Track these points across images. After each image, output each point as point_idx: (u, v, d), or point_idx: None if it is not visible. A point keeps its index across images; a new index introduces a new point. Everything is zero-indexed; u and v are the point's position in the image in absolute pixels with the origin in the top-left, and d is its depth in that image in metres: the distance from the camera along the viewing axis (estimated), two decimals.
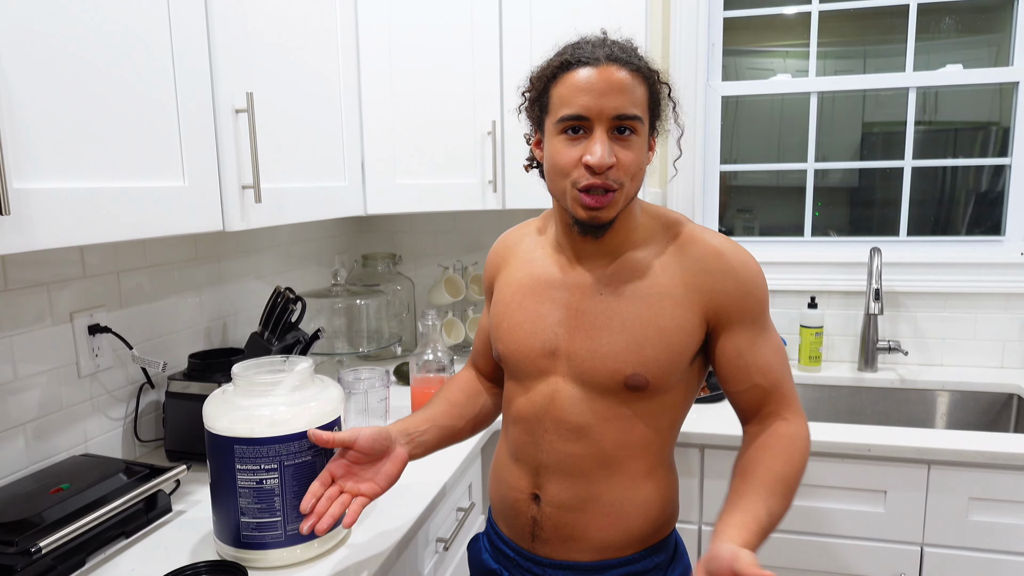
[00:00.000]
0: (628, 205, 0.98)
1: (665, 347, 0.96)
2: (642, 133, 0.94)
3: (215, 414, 1.01)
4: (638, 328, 0.96)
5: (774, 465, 0.93)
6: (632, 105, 0.91)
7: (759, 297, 0.98)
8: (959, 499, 1.48)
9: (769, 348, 0.99)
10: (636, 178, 0.95)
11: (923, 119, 2.04)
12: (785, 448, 0.95)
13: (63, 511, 1.02)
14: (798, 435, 0.97)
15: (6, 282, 1.16)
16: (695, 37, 2.01)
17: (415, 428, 1.08)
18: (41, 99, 0.84)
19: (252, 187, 1.21)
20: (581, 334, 0.99)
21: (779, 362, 1.00)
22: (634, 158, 0.93)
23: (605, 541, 1.01)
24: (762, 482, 0.91)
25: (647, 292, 0.97)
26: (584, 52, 0.93)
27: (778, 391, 0.99)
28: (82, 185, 0.90)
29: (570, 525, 1.01)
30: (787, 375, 1.01)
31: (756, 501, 0.89)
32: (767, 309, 1.00)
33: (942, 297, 1.99)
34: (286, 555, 1.02)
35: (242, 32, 1.20)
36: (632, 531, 1.02)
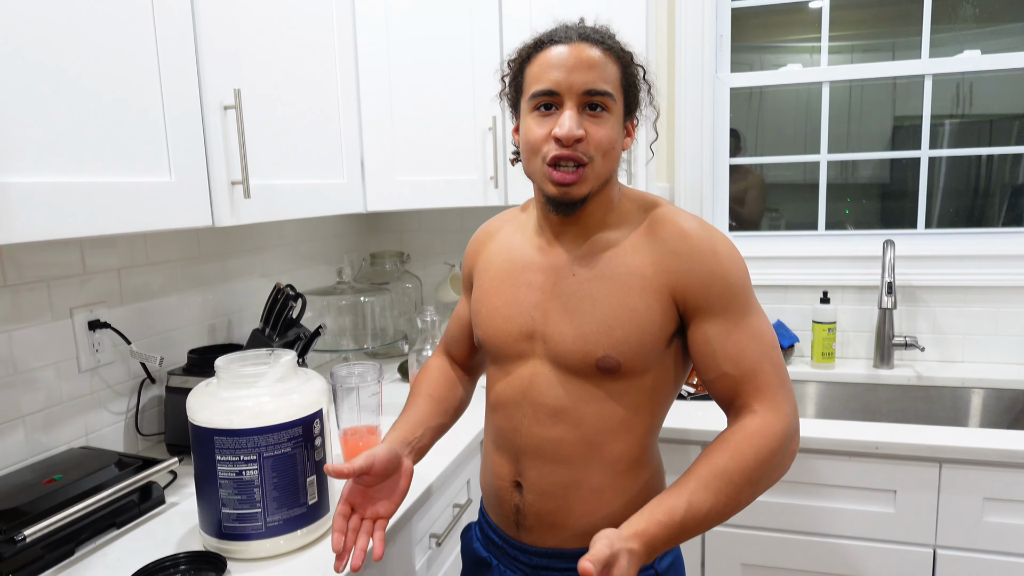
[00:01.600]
0: (604, 187, 0.98)
1: (636, 328, 0.95)
2: (614, 111, 0.94)
3: (198, 406, 1.02)
4: (608, 309, 0.96)
5: (719, 459, 0.88)
6: (602, 81, 0.92)
7: (729, 282, 0.94)
8: (973, 499, 1.43)
9: (743, 335, 0.94)
10: (608, 156, 0.94)
11: (956, 111, 1.98)
12: (739, 442, 0.90)
13: (52, 501, 1.04)
14: (760, 430, 0.90)
15: (5, 278, 1.19)
16: (701, 28, 1.98)
17: (411, 435, 1.07)
18: (21, 92, 0.86)
19: (241, 183, 1.23)
20: (555, 316, 0.99)
21: (757, 350, 0.94)
22: (605, 134, 0.93)
23: (588, 527, 1.00)
24: (697, 475, 0.88)
25: (617, 272, 0.97)
26: (557, 33, 0.96)
27: (751, 381, 0.93)
28: (64, 180, 0.92)
29: (552, 512, 1.01)
30: (766, 365, 0.94)
31: (680, 494, 0.86)
32: (743, 294, 0.95)
33: (962, 291, 1.92)
34: (268, 546, 1.03)
35: (230, 27, 1.22)
36: (616, 517, 1.00)
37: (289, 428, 1.01)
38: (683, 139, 2.04)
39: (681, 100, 2.02)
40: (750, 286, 0.97)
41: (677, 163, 2.06)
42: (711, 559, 1.60)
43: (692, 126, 2.03)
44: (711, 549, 1.59)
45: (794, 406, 0.95)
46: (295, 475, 1.03)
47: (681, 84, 2.01)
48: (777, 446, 0.90)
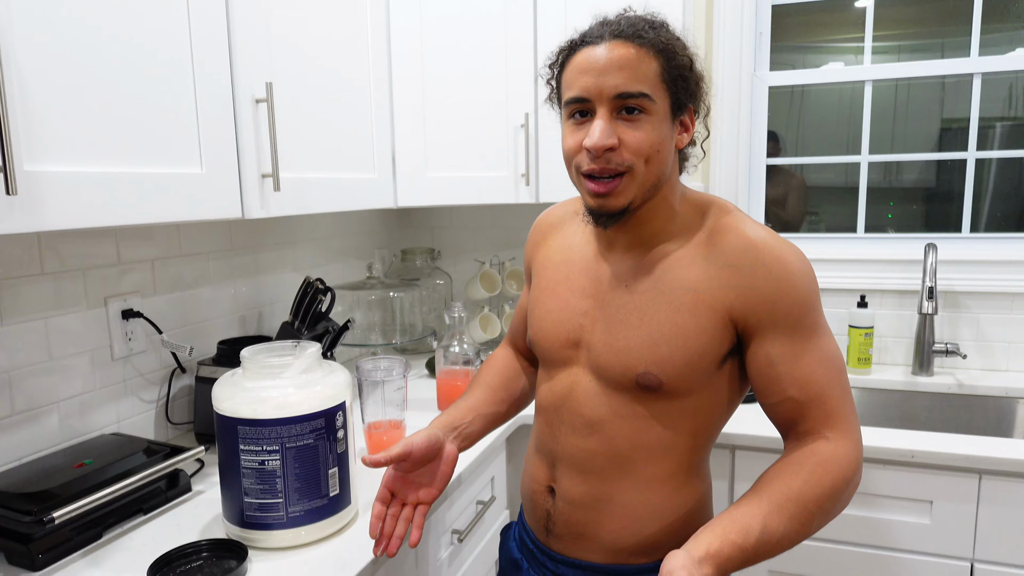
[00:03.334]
0: (655, 192, 0.91)
1: (682, 346, 0.89)
2: (655, 111, 0.87)
3: (223, 396, 1.03)
4: (655, 324, 0.91)
5: (793, 482, 0.83)
6: (635, 82, 0.85)
7: (797, 299, 0.87)
8: (1015, 512, 1.37)
9: (812, 358, 0.87)
10: (653, 161, 0.87)
11: (1008, 113, 1.91)
12: (813, 467, 0.84)
13: (82, 485, 1.06)
14: (835, 457, 0.85)
15: (43, 267, 1.22)
16: (740, 25, 1.94)
17: (460, 420, 1.08)
18: (53, 82, 0.88)
19: (271, 176, 1.24)
20: (601, 326, 0.96)
21: (825, 375, 0.88)
22: (644, 138, 0.86)
23: (617, 544, 0.97)
24: (770, 496, 0.82)
25: (670, 287, 0.91)
26: (590, 32, 0.90)
27: (819, 407, 0.87)
28: (94, 169, 0.93)
29: (581, 523, 0.99)
30: (835, 389, 0.88)
31: (753, 514, 0.80)
32: (812, 313, 0.88)
33: (1008, 297, 1.86)
34: (290, 536, 1.03)
35: (264, 20, 1.23)
36: (646, 537, 0.96)
37: (312, 420, 1.02)
38: (720, 138, 2.01)
39: (718, 98, 1.99)
40: (820, 304, 0.90)
41: (713, 162, 2.03)
42: None
43: (729, 125, 1.99)
44: None
45: (860, 442, 0.89)
46: (317, 466, 1.03)
47: (719, 82, 1.98)
48: (850, 475, 0.85)
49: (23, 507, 0.99)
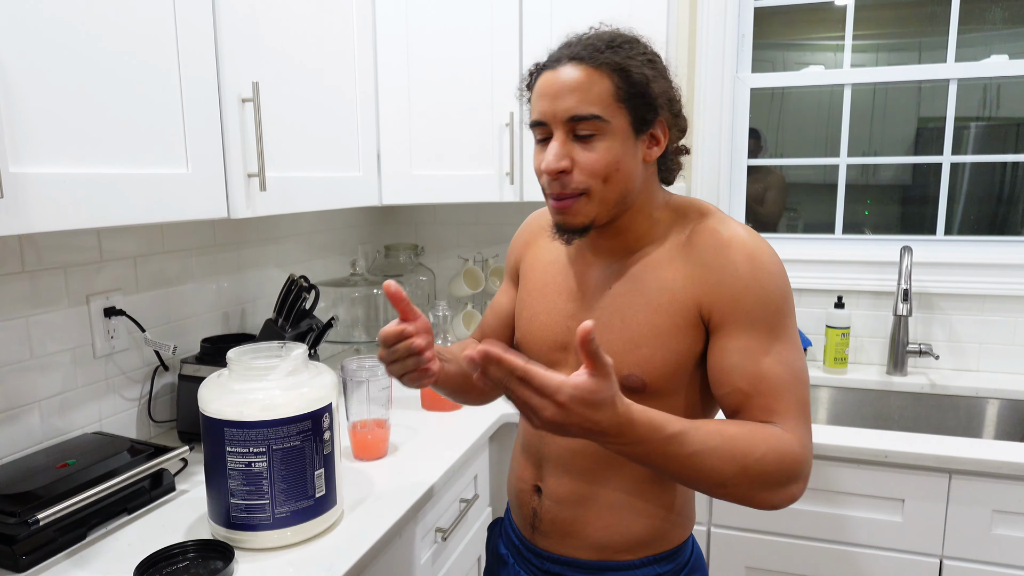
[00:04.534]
0: (624, 207, 0.92)
1: (661, 347, 0.91)
2: (611, 131, 0.87)
3: (209, 397, 1.03)
4: (636, 326, 0.92)
5: (732, 428, 0.81)
6: (586, 104, 0.86)
7: (762, 296, 0.86)
8: (982, 511, 1.41)
9: (770, 359, 0.86)
10: (612, 179, 0.89)
11: (983, 114, 1.95)
12: (752, 428, 0.82)
13: (66, 485, 1.06)
14: (780, 437, 0.82)
15: (24, 263, 1.20)
16: (723, 27, 1.96)
17: (446, 352, 1.06)
18: (39, 84, 0.87)
19: (257, 175, 1.23)
20: (603, 330, 0.96)
21: (780, 376, 0.85)
22: (598, 159, 0.87)
23: (602, 542, 0.99)
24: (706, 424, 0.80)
25: (649, 289, 0.93)
26: (551, 56, 0.91)
27: (766, 400, 0.85)
28: (80, 171, 0.93)
29: (568, 521, 1.01)
30: (788, 394, 0.85)
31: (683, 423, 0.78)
32: (777, 315, 0.87)
33: (980, 299, 1.90)
34: (276, 537, 1.04)
35: (250, 20, 1.22)
36: (631, 535, 0.99)
37: (299, 421, 1.02)
38: (701, 138, 2.03)
39: (700, 99, 2.01)
40: (790, 312, 0.88)
41: (695, 162, 2.05)
42: (715, 561, 1.60)
43: (711, 125, 2.01)
44: (716, 551, 1.59)
45: (811, 451, 0.85)
46: (303, 468, 1.04)
47: (701, 83, 1.99)
48: (787, 464, 0.82)
49: (6, 508, 0.99)
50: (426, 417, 1.60)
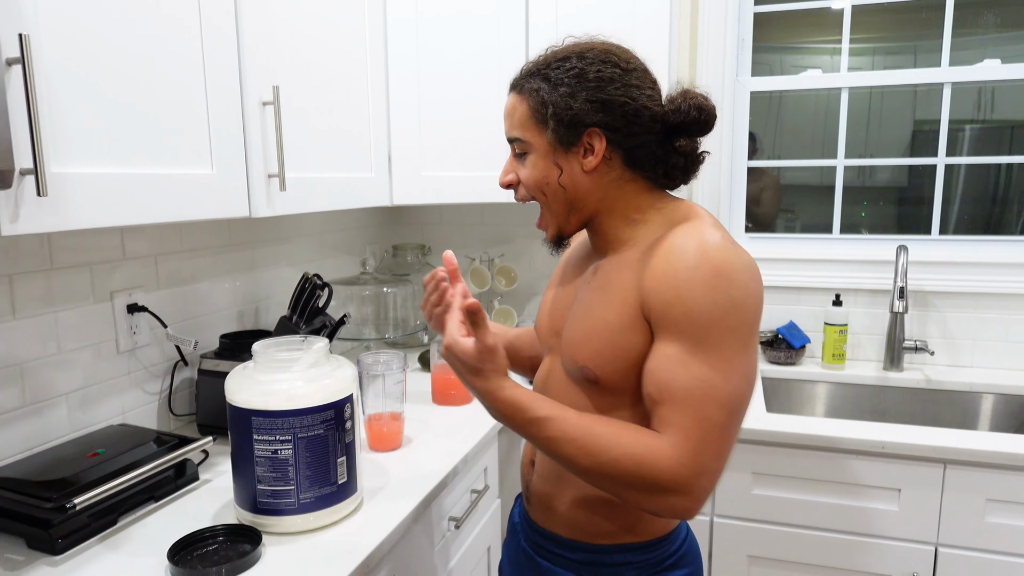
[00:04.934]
0: (583, 213, 0.99)
1: (609, 342, 0.93)
2: (534, 150, 0.96)
3: (236, 388, 1.08)
4: (592, 321, 0.96)
5: (598, 423, 0.87)
6: (513, 128, 0.98)
7: (693, 309, 0.84)
8: (976, 500, 1.47)
9: (686, 371, 0.84)
10: (547, 191, 0.97)
11: (977, 117, 2.00)
12: (625, 430, 0.87)
13: (98, 473, 1.11)
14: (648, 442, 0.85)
15: (52, 261, 1.25)
16: (723, 32, 2.01)
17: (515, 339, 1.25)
18: (78, 90, 0.92)
19: (277, 176, 1.28)
20: (571, 321, 1.01)
21: (687, 389, 0.84)
22: (528, 174, 0.98)
23: (576, 521, 1.03)
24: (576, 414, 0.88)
25: (609, 286, 0.96)
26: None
27: (667, 410, 0.85)
28: (115, 171, 0.98)
29: (548, 496, 1.06)
30: (691, 407, 0.84)
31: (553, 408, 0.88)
32: (710, 331, 0.84)
33: (974, 297, 1.96)
34: (300, 521, 1.09)
35: (269, 28, 1.27)
36: (600, 519, 1.02)
37: (323, 411, 1.07)
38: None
39: None
40: (728, 329, 0.84)
41: None
42: (718, 550, 1.65)
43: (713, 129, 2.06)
44: (718, 540, 1.64)
45: (695, 470, 0.83)
46: (327, 455, 1.08)
47: (702, 87, 2.04)
48: (646, 471, 0.84)
49: (42, 494, 1.03)
50: (437, 411, 1.65)
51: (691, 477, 0.83)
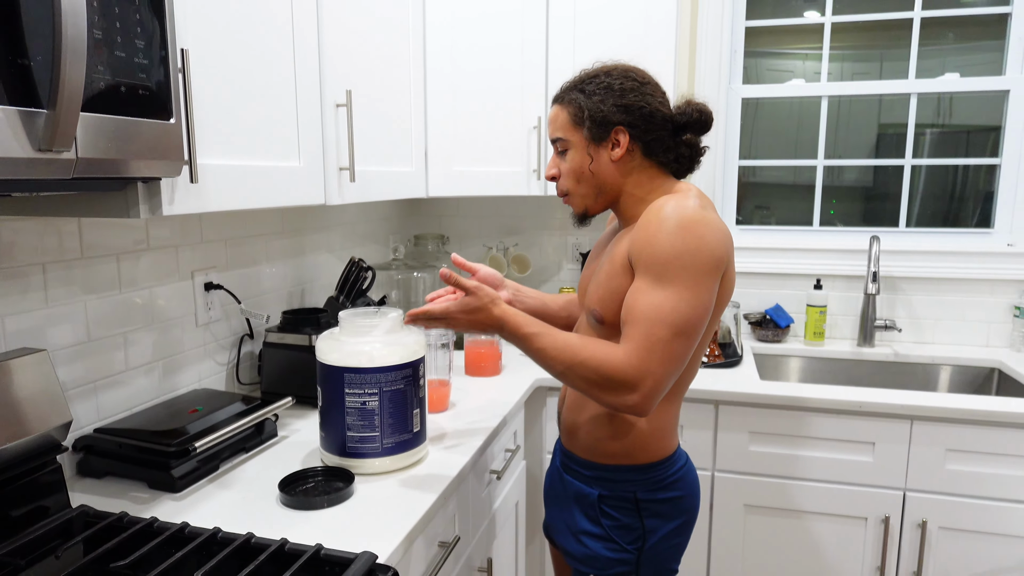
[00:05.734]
0: (608, 196, 1.25)
1: (610, 290, 1.19)
2: (572, 147, 1.23)
3: (327, 349, 1.26)
4: (602, 277, 1.22)
5: (574, 338, 1.14)
6: (556, 130, 1.24)
7: (656, 251, 1.08)
8: (937, 450, 1.71)
9: (644, 298, 1.09)
10: (582, 179, 1.23)
11: (937, 122, 2.26)
12: (592, 341, 1.13)
13: (202, 425, 1.28)
14: (608, 352, 1.09)
15: (149, 242, 1.42)
16: (719, 44, 2.24)
17: (526, 291, 1.50)
18: (214, 95, 1.10)
19: (348, 169, 1.47)
20: (591, 281, 1.29)
21: (643, 314, 1.08)
22: (568, 167, 1.24)
23: (586, 444, 1.30)
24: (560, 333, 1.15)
25: (614, 251, 1.22)
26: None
27: (628, 328, 1.10)
28: (237, 163, 1.16)
29: (571, 422, 1.33)
30: (642, 324, 1.08)
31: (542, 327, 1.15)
32: (667, 268, 1.07)
33: (936, 282, 2.22)
34: (381, 463, 1.28)
35: (343, 38, 1.45)
36: (610, 442, 1.26)
37: (403, 369, 1.26)
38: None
39: None
40: (682, 265, 1.07)
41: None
42: (718, 501, 1.87)
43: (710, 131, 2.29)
44: (719, 492, 1.87)
45: (643, 370, 1.07)
46: (405, 407, 1.28)
47: (700, 94, 2.27)
48: (605, 369, 1.08)
49: (162, 441, 1.21)
50: (471, 381, 1.85)
51: (637, 376, 1.08)
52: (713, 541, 1.90)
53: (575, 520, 1.31)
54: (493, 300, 1.17)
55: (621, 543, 1.26)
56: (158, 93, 0.93)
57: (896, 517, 1.76)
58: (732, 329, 2.12)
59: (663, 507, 1.27)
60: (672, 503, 1.28)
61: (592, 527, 1.28)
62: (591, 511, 1.29)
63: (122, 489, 1.23)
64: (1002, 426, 1.66)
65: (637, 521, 1.26)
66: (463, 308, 1.16)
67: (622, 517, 1.27)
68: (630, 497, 1.26)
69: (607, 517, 1.27)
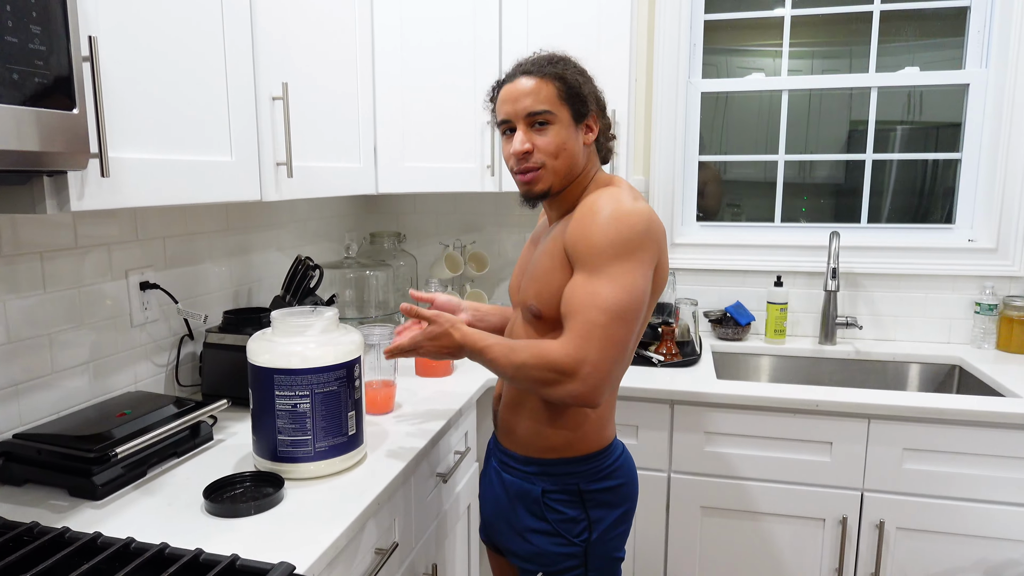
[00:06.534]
0: (571, 178, 1.24)
1: (547, 283, 1.21)
2: (558, 121, 1.19)
3: (258, 350, 1.22)
4: (537, 270, 1.24)
5: (518, 342, 1.18)
6: (538, 103, 1.19)
7: (590, 243, 1.12)
8: (894, 450, 1.69)
9: (582, 290, 1.12)
10: (561, 156, 1.20)
11: (907, 118, 2.24)
12: (531, 342, 1.17)
13: (129, 429, 1.23)
14: (545, 348, 1.13)
15: (76, 240, 1.36)
16: (677, 38, 2.21)
17: (485, 309, 1.52)
18: (130, 86, 1.05)
19: (285, 164, 1.42)
20: (525, 276, 1.30)
21: (581, 303, 1.12)
22: (549, 141, 1.20)
23: (526, 440, 1.29)
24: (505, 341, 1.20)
25: (550, 243, 1.23)
26: (509, 73, 1.25)
27: (568, 321, 1.14)
28: (158, 157, 1.11)
29: (508, 421, 1.33)
30: (581, 317, 1.11)
31: (494, 339, 1.20)
32: (602, 258, 1.11)
33: (896, 279, 2.20)
34: (313, 468, 1.23)
35: (279, 28, 1.40)
36: (548, 437, 1.27)
37: (336, 370, 1.22)
38: (658, 138, 2.28)
39: (657, 103, 2.26)
40: (617, 254, 1.11)
41: (652, 159, 2.30)
42: (675, 503, 1.85)
43: (666, 126, 2.26)
44: (675, 495, 1.84)
45: (579, 359, 1.10)
46: (339, 409, 1.23)
47: (658, 88, 2.24)
48: (543, 364, 1.12)
49: (83, 446, 1.16)
50: (421, 382, 1.80)
51: (576, 364, 1.10)
52: (670, 544, 1.87)
53: (519, 519, 1.30)
54: (453, 324, 1.23)
55: (568, 537, 1.26)
56: (58, 82, 0.88)
57: (854, 518, 1.74)
58: (691, 327, 2.09)
59: (606, 496, 1.28)
60: (614, 491, 1.29)
61: (537, 523, 1.28)
62: (535, 507, 1.27)
63: (41, 497, 1.18)
64: (960, 424, 1.65)
65: (582, 513, 1.26)
66: (428, 336, 1.24)
67: (567, 510, 1.26)
68: (574, 489, 1.26)
69: (552, 511, 1.26)
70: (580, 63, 1.26)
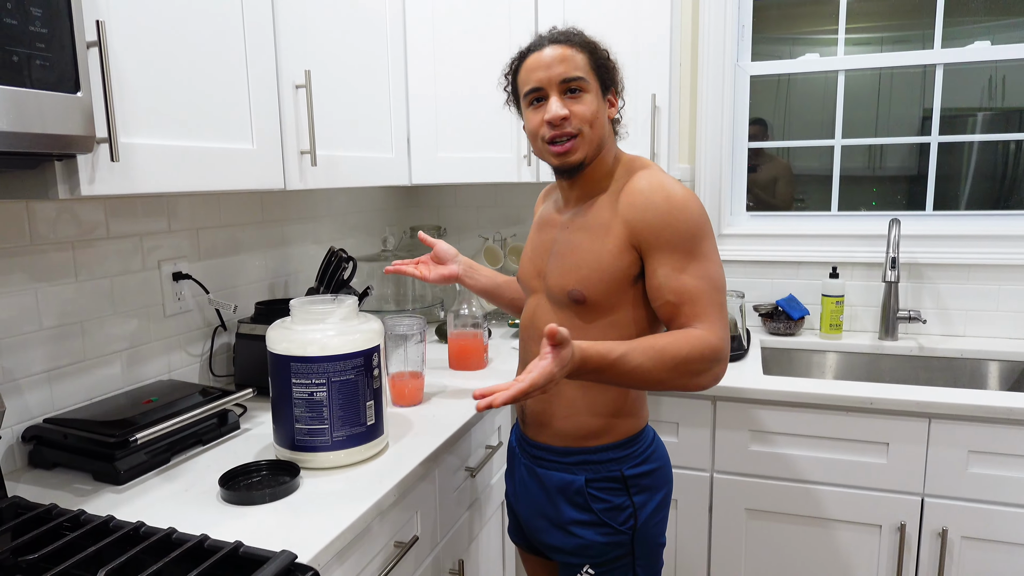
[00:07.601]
0: (600, 151, 1.20)
1: (597, 267, 1.16)
2: (590, 89, 1.17)
3: (276, 338, 1.21)
4: (580, 253, 1.19)
5: (658, 340, 1.06)
6: (574, 69, 1.16)
7: (678, 228, 1.11)
8: (959, 452, 1.56)
9: (689, 275, 1.11)
10: (595, 125, 1.17)
11: (988, 103, 2.08)
12: (678, 336, 1.07)
13: (153, 416, 1.24)
14: (697, 335, 1.07)
15: (108, 232, 1.38)
16: (724, 18, 2.12)
17: (478, 267, 1.55)
18: (143, 71, 1.05)
19: (309, 152, 1.41)
20: (553, 260, 1.25)
21: (698, 286, 1.10)
22: (585, 108, 1.16)
23: (564, 431, 1.25)
24: (639, 343, 1.05)
25: (592, 224, 1.19)
26: (533, 44, 1.21)
27: (691, 308, 1.10)
28: (173, 143, 1.11)
29: (540, 414, 1.27)
30: (705, 298, 1.10)
31: (621, 346, 1.04)
32: (692, 241, 1.11)
33: (966, 269, 2.05)
34: (332, 458, 1.21)
35: (301, 18, 1.40)
36: (586, 425, 1.23)
37: (353, 358, 1.20)
38: (704, 124, 2.18)
39: (703, 87, 2.16)
40: (703, 236, 1.12)
41: (698, 147, 2.20)
42: (718, 504, 1.76)
43: (713, 112, 2.17)
44: (718, 495, 1.75)
45: (726, 339, 1.09)
46: (357, 398, 1.21)
47: (704, 72, 2.15)
48: (707, 354, 1.07)
49: (107, 431, 1.17)
50: (454, 375, 1.77)
51: (725, 346, 1.10)
52: (713, 547, 1.78)
53: (560, 513, 1.26)
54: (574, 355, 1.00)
55: (614, 525, 1.22)
56: (61, 65, 0.88)
57: (913, 525, 1.62)
58: (738, 321, 1.99)
59: (647, 480, 1.25)
60: (654, 475, 1.26)
61: (582, 515, 1.24)
62: (578, 498, 1.24)
63: (67, 481, 1.20)
64: None
65: (627, 499, 1.23)
66: (561, 363, 0.97)
67: (612, 498, 1.23)
68: (617, 475, 1.23)
69: (597, 500, 1.23)
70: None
